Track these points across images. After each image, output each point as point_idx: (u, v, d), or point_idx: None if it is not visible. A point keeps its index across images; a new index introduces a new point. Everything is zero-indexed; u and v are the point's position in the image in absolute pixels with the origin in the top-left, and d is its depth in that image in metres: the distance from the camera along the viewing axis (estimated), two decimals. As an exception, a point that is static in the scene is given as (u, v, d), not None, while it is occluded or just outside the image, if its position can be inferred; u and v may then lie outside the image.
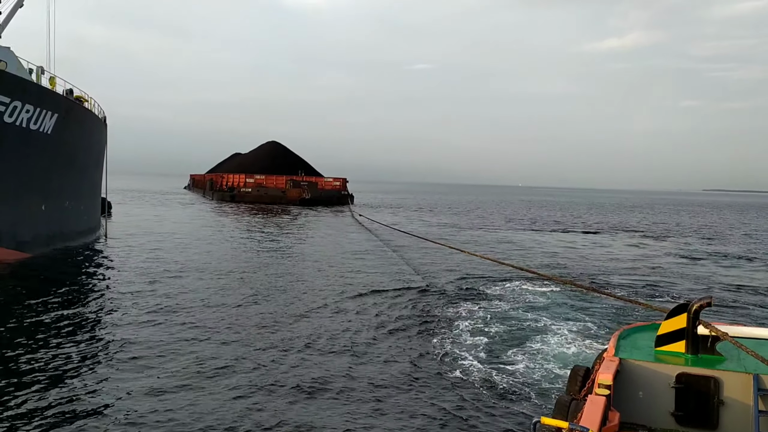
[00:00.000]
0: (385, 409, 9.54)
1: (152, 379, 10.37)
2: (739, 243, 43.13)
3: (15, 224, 23.73)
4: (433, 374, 11.23)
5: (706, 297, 6.54)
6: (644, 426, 5.97)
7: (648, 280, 23.79)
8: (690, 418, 5.94)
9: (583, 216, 74.90)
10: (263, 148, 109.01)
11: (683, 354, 6.33)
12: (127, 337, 12.94)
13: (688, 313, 6.34)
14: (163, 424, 8.59)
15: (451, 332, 14.36)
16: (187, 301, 16.87)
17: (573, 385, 6.72)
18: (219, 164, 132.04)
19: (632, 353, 6.39)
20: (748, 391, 5.76)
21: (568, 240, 41.58)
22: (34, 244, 24.73)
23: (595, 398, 5.28)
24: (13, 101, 21.47)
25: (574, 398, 6.18)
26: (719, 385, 5.88)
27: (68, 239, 28.07)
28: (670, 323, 6.45)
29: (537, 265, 26.59)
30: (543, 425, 4.62)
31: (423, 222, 55.13)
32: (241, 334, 13.62)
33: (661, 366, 6.13)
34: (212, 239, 34.01)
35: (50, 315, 14.89)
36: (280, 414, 9.14)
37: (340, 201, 77.37)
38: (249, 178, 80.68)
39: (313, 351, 12.54)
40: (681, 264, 29.82)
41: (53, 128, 24.79)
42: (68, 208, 28.53)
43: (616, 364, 5.92)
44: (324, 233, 40.51)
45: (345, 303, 17.40)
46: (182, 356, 11.73)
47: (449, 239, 36.82)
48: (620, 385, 5.95)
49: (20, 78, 21.79)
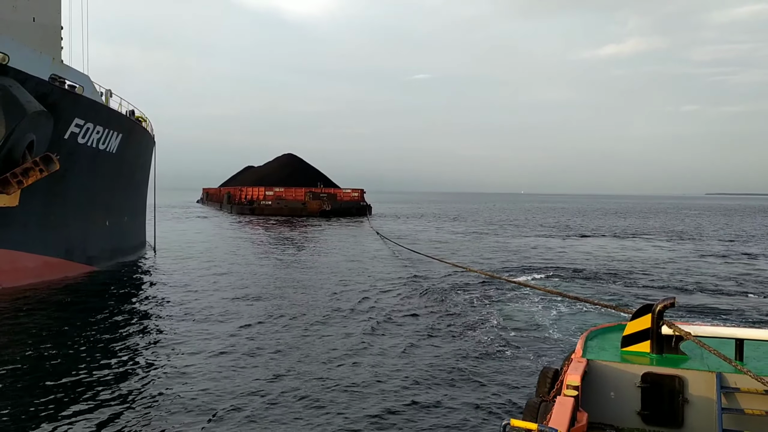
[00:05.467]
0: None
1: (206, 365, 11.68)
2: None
3: (85, 239, 24.90)
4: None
5: (670, 297, 6.73)
6: (612, 425, 6.08)
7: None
8: (656, 417, 6.06)
9: (610, 221, 75.79)
10: (279, 161, 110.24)
11: (648, 354, 6.45)
12: (185, 340, 14.17)
13: (653, 313, 6.47)
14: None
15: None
16: (240, 308, 18.06)
17: (542, 387, 6.75)
18: (232, 177, 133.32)
19: (599, 354, 6.51)
20: (712, 389, 5.90)
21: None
22: (100, 258, 25.88)
23: (564, 399, 5.32)
24: (86, 123, 22.68)
25: (544, 400, 6.14)
26: (684, 384, 6.01)
27: (126, 253, 29.24)
28: (636, 324, 6.58)
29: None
30: (513, 427, 4.60)
31: (460, 235, 56.09)
32: (300, 349, 13.74)
33: (628, 366, 6.23)
34: (252, 251, 35.34)
35: (120, 322, 16.22)
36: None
37: (360, 212, 78.48)
38: (268, 190, 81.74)
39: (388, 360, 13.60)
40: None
41: (117, 147, 26.02)
42: (126, 223, 29.73)
43: (583, 365, 5.99)
44: (361, 242, 41.53)
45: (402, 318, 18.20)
46: (238, 347, 12.97)
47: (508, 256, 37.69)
48: (588, 385, 6.02)
49: (94, 101, 23.00)
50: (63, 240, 23.29)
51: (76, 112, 21.87)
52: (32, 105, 18.64)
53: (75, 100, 21.69)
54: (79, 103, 21.98)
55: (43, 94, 19.81)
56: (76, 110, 21.82)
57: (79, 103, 21.94)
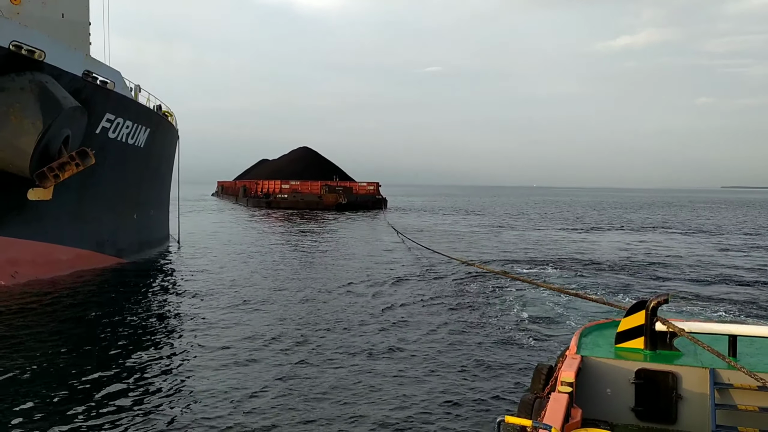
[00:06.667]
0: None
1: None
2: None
3: (115, 232, 25.39)
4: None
5: (663, 294, 6.77)
6: (606, 422, 6.11)
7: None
8: (650, 413, 6.11)
9: (626, 215, 75.51)
10: (294, 154, 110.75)
11: (642, 350, 6.50)
12: (214, 331, 14.52)
13: (646, 310, 6.52)
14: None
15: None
16: (266, 298, 18.55)
17: (537, 383, 6.79)
18: (247, 171, 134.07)
19: (593, 350, 6.55)
20: (705, 385, 5.94)
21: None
22: (129, 250, 26.37)
23: (558, 396, 5.35)
24: (117, 118, 23.08)
25: (538, 396, 6.15)
26: (677, 380, 6.05)
27: (153, 246, 29.75)
28: (629, 320, 6.63)
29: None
30: (507, 424, 4.63)
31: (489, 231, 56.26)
32: (326, 338, 14.10)
33: (621, 362, 6.27)
34: (272, 243, 35.77)
35: (152, 313, 16.63)
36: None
37: (375, 205, 78.74)
38: (284, 184, 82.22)
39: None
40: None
41: (145, 142, 26.44)
42: (152, 216, 30.22)
43: (577, 362, 6.04)
44: (378, 237, 41.81)
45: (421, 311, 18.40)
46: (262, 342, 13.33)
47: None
48: (582, 382, 6.06)
49: (124, 96, 23.39)
50: (94, 233, 23.78)
51: (108, 108, 22.28)
52: (68, 101, 19.03)
53: (106, 95, 22.08)
54: (111, 98, 22.38)
55: (77, 90, 20.20)
56: (107, 105, 22.22)
57: (110, 98, 22.33)
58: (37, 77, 18.41)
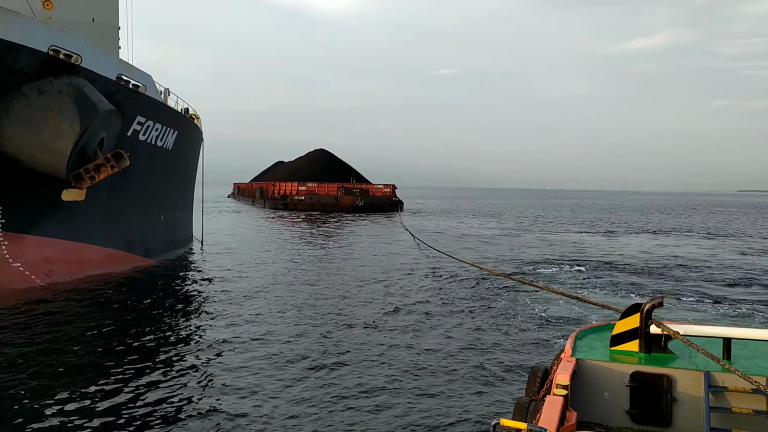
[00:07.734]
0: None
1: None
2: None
3: (143, 233, 25.85)
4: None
5: (658, 297, 6.73)
6: (601, 424, 6.11)
7: None
8: (644, 416, 6.10)
9: (643, 218, 75.04)
10: (311, 156, 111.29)
11: (637, 353, 6.49)
12: (240, 331, 14.88)
13: (641, 312, 6.50)
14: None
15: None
16: (287, 299, 18.93)
17: (532, 386, 6.77)
18: (263, 172, 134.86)
19: (588, 353, 6.53)
20: (699, 388, 5.95)
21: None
22: (157, 250, 26.81)
23: (553, 398, 5.36)
24: (147, 120, 23.52)
25: (533, 399, 6.15)
26: (672, 383, 6.05)
27: (178, 246, 30.21)
28: (624, 323, 6.62)
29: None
30: (502, 427, 4.63)
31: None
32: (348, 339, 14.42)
33: (616, 365, 6.26)
34: (292, 244, 36.34)
35: (179, 312, 17.16)
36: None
37: (392, 207, 79.00)
38: (301, 185, 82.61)
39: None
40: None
41: (173, 144, 26.88)
42: (178, 217, 30.70)
43: (572, 365, 6.03)
44: (395, 239, 41.98)
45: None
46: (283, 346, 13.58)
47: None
48: (577, 384, 6.05)
49: (154, 100, 23.82)
50: (124, 233, 24.24)
51: (139, 110, 22.71)
52: (103, 104, 19.44)
53: (138, 98, 22.50)
54: (142, 101, 22.80)
55: (111, 93, 20.62)
56: (138, 108, 22.65)
57: (141, 101, 22.76)
58: (74, 81, 18.83)
